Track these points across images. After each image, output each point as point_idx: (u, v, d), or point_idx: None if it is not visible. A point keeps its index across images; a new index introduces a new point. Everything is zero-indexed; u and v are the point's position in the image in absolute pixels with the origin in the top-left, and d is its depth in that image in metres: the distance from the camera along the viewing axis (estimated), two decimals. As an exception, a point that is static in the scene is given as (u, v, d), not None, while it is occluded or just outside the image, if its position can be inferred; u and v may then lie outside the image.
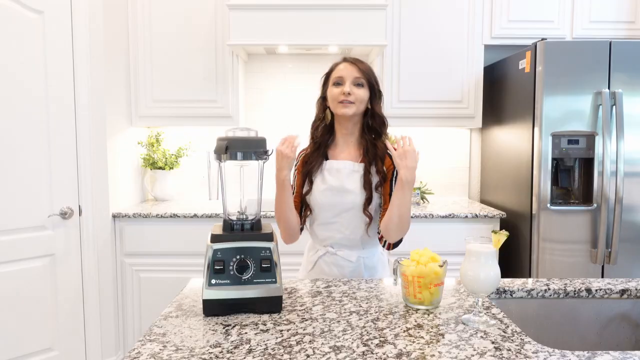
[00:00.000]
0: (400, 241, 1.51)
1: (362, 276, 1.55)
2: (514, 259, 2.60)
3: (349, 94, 1.46)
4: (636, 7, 2.78)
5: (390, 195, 1.49)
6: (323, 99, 1.57)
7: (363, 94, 1.49)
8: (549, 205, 2.34)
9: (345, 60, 1.52)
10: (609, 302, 1.31)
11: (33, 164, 2.18)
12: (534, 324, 1.30)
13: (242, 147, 1.18)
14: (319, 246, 1.59)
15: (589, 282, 1.36)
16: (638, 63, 2.29)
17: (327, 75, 1.55)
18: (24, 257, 2.17)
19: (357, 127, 1.55)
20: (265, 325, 1.07)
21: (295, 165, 1.59)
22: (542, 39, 2.32)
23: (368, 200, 1.49)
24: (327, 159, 1.56)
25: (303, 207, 1.57)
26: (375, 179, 1.50)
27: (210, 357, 0.91)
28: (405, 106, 2.82)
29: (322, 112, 1.57)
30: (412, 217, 2.51)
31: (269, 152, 1.22)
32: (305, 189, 1.55)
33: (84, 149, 2.34)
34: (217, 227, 1.23)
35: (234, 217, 1.22)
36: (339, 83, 1.49)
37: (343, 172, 1.52)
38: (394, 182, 1.48)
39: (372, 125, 1.54)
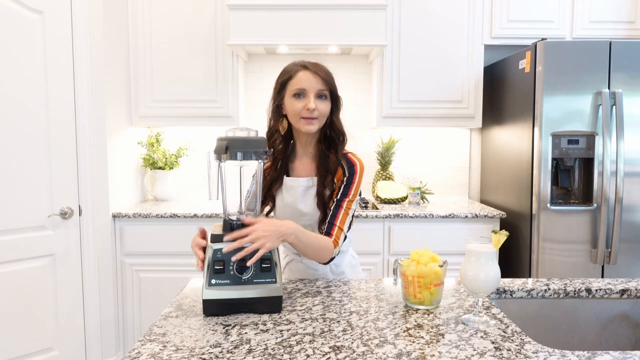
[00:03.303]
0: (330, 260, 1.37)
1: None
2: (514, 259, 2.60)
3: (314, 110, 1.34)
4: (636, 7, 2.78)
5: (331, 207, 1.39)
6: (278, 107, 1.43)
7: (326, 107, 1.38)
8: (549, 205, 2.34)
9: (305, 67, 1.38)
10: (609, 302, 1.31)
11: (33, 164, 2.18)
12: (534, 324, 1.30)
13: (242, 147, 1.18)
14: (287, 252, 1.58)
15: (589, 282, 1.36)
16: (638, 63, 2.29)
17: (284, 83, 1.40)
18: (24, 257, 2.17)
19: (315, 138, 1.44)
20: (265, 325, 1.07)
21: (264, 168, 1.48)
22: (542, 39, 2.32)
23: (323, 219, 1.41)
24: (287, 173, 1.48)
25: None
26: (327, 192, 1.42)
27: (210, 357, 0.91)
28: (405, 106, 2.82)
29: (278, 122, 1.45)
30: (412, 217, 2.54)
31: (269, 152, 1.21)
32: (268, 207, 1.50)
33: (84, 149, 2.34)
34: (217, 227, 1.23)
35: (233, 217, 1.22)
36: (300, 94, 1.36)
37: (297, 190, 1.44)
38: (341, 188, 1.39)
39: (330, 136, 1.43)
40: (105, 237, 2.47)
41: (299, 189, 1.44)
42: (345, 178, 1.40)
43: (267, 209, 1.52)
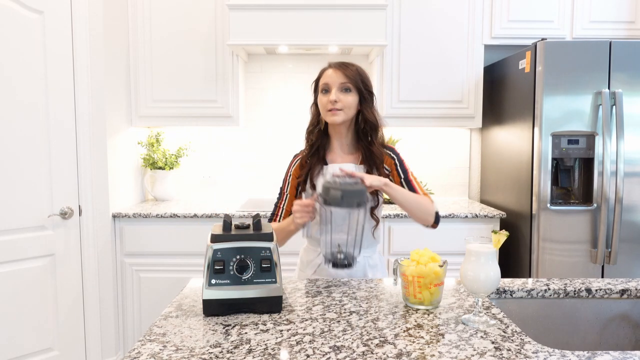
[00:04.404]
0: (437, 218, 1.53)
1: (367, 275, 1.57)
2: (514, 259, 2.60)
3: (335, 101, 1.45)
4: (636, 7, 2.78)
5: (404, 187, 1.54)
6: (315, 105, 1.56)
7: (351, 99, 1.47)
8: (549, 205, 2.34)
9: (330, 66, 1.51)
10: (609, 302, 1.31)
11: (33, 164, 2.18)
12: (534, 324, 1.30)
13: (355, 197, 1.26)
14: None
15: (589, 282, 1.36)
16: (638, 63, 2.29)
17: (316, 82, 1.55)
18: (24, 257, 2.17)
19: (351, 131, 1.55)
20: (265, 325, 1.07)
21: (292, 169, 1.59)
22: (542, 39, 2.32)
23: (375, 204, 1.52)
24: (326, 163, 1.55)
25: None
26: None
27: (210, 357, 0.91)
28: (405, 106, 2.82)
29: (317, 118, 1.56)
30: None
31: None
32: (308, 195, 1.54)
33: (84, 149, 2.34)
34: (217, 227, 1.22)
35: (329, 256, 1.33)
36: (326, 90, 1.49)
37: None
38: (399, 171, 1.55)
39: (365, 129, 1.53)
40: (105, 237, 2.47)
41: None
42: (395, 160, 1.56)
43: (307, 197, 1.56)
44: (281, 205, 1.60)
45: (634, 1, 2.77)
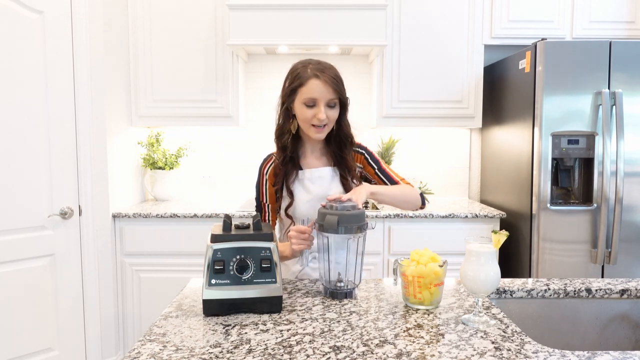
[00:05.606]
0: (423, 200, 1.55)
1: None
2: (514, 259, 2.60)
3: (324, 119, 1.39)
4: (636, 7, 2.78)
5: (382, 177, 1.56)
6: (287, 109, 1.46)
7: (335, 114, 1.43)
8: (549, 205, 2.34)
9: (317, 76, 1.38)
10: (609, 302, 1.31)
11: (33, 164, 2.18)
12: (534, 324, 1.30)
13: (353, 222, 1.23)
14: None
15: (589, 282, 1.36)
16: (638, 63, 2.29)
17: (295, 89, 1.41)
18: (24, 257, 2.17)
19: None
20: (265, 325, 1.07)
21: (266, 178, 1.51)
22: (542, 39, 2.32)
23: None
24: (300, 168, 1.50)
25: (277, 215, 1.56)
26: (354, 185, 1.50)
27: (210, 357, 0.91)
28: (405, 106, 2.82)
29: (288, 122, 1.46)
30: (412, 217, 2.54)
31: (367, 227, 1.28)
32: (285, 203, 1.49)
33: (84, 149, 2.34)
34: (217, 227, 1.23)
35: (329, 285, 1.28)
36: (311, 105, 1.39)
37: (326, 179, 1.49)
38: (371, 163, 1.56)
39: (337, 138, 1.49)
40: (105, 237, 2.47)
41: (327, 178, 1.50)
42: (365, 154, 1.56)
43: (284, 204, 1.50)
44: (266, 218, 1.53)
45: (634, 1, 2.78)
